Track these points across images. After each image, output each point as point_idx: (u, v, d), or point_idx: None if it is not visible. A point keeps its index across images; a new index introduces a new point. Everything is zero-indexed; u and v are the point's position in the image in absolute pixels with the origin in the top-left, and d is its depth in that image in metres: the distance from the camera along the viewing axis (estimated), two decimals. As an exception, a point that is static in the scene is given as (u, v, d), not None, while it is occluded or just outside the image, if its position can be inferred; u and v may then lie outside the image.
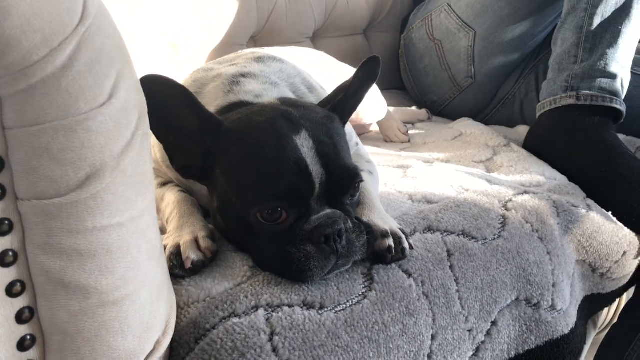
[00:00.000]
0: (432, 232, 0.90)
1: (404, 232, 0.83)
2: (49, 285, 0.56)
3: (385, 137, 1.62)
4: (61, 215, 0.54)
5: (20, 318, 0.57)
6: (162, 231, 0.86)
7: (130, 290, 0.60)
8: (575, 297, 1.07)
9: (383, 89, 2.12)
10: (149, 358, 0.64)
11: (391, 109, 1.72)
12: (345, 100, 0.86)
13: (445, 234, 0.91)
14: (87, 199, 0.55)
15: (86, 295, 0.57)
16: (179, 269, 0.75)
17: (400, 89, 2.15)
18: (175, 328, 0.70)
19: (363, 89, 0.88)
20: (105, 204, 0.56)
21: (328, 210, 0.75)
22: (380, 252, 0.79)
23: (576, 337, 1.01)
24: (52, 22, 0.50)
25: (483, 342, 0.88)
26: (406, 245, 0.81)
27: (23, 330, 0.57)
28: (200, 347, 0.67)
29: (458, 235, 0.91)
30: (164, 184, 0.95)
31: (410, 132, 1.66)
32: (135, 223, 0.60)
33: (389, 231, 0.81)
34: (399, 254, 0.80)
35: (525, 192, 1.08)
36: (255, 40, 1.84)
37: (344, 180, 0.78)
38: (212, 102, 0.88)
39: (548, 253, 0.98)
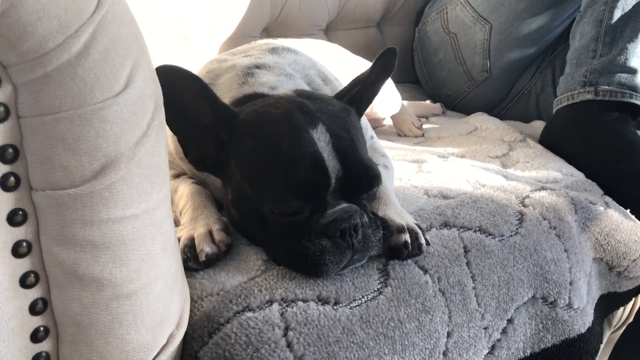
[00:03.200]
0: (448, 227, 0.89)
1: (420, 228, 0.82)
2: (63, 277, 0.56)
3: (399, 131, 1.60)
4: (75, 206, 0.54)
5: (33, 309, 0.56)
6: (176, 223, 0.85)
7: (144, 282, 0.60)
8: (591, 296, 1.05)
9: (397, 82, 2.09)
10: (163, 351, 0.64)
11: (405, 102, 1.70)
12: (361, 92, 0.84)
13: (461, 229, 0.89)
14: (101, 190, 0.54)
15: (100, 288, 0.57)
16: (193, 262, 0.74)
17: (414, 82, 2.12)
18: (189, 321, 0.70)
19: (379, 81, 0.87)
20: (120, 195, 0.55)
21: (344, 205, 0.74)
22: (396, 248, 0.78)
23: (593, 336, 0.99)
24: (68, 9, 0.49)
25: (499, 340, 0.86)
26: (422, 241, 0.80)
27: (36, 321, 0.57)
28: (214, 341, 0.66)
29: (475, 231, 0.90)
30: (177, 176, 0.94)
31: (424, 126, 1.63)
32: (150, 215, 0.59)
33: (405, 226, 0.79)
34: (415, 249, 0.79)
35: (543, 188, 1.06)
36: (268, 32, 1.83)
37: (361, 175, 0.76)
38: (226, 93, 0.87)
39: (565, 250, 0.97)
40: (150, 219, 0.59)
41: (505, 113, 1.82)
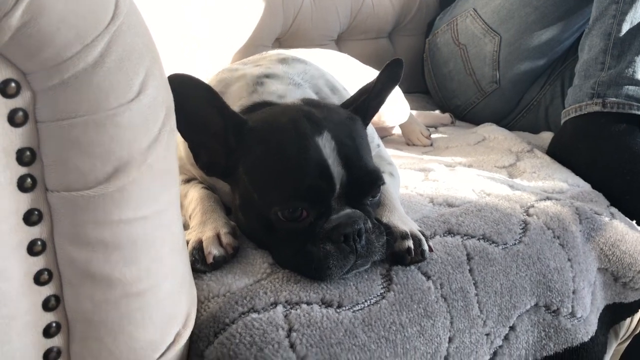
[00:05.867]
0: (452, 235, 0.90)
1: (423, 234, 0.83)
2: (75, 275, 0.58)
3: (407, 141, 1.62)
4: (88, 207, 0.56)
5: (46, 306, 0.58)
6: (185, 227, 0.87)
7: (153, 282, 0.62)
8: (596, 306, 1.05)
9: (407, 92, 2.11)
10: (170, 349, 0.65)
11: (414, 112, 1.72)
12: (367, 101, 0.86)
13: (465, 237, 0.90)
14: (113, 192, 0.56)
15: (110, 286, 0.59)
16: (201, 264, 0.76)
17: (424, 92, 2.14)
18: (196, 321, 0.72)
19: (385, 90, 0.89)
20: (131, 197, 0.57)
21: (348, 210, 0.76)
22: (399, 254, 0.80)
23: (596, 345, 1.00)
24: (86, 19, 0.51)
25: (500, 347, 0.88)
26: (426, 247, 0.81)
27: (49, 317, 0.59)
28: (219, 340, 0.68)
29: (478, 239, 0.91)
30: (187, 181, 0.96)
31: (433, 136, 1.65)
32: (160, 216, 0.61)
33: (409, 233, 0.81)
34: (418, 255, 0.80)
35: (548, 198, 1.07)
36: (280, 42, 1.86)
37: (365, 181, 0.78)
38: (236, 101, 0.89)
39: (569, 260, 0.98)
40: (160, 220, 0.61)
41: (514, 124, 1.83)
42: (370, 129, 1.04)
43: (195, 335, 0.71)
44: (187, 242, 0.78)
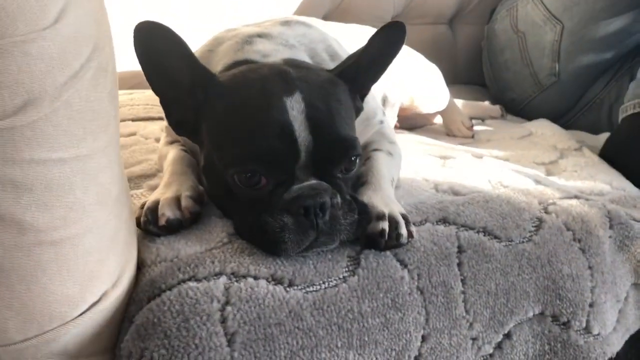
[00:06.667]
0: (446, 224, 0.80)
1: (405, 218, 0.74)
2: (-15, 215, 0.54)
3: (447, 131, 1.51)
4: (-3, 141, 0.52)
5: (-41, 246, 0.55)
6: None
7: (71, 232, 0.57)
8: (624, 325, 0.92)
9: (465, 83, 1.99)
10: (92, 308, 0.61)
11: (460, 102, 1.60)
12: (355, 67, 0.77)
13: (461, 228, 0.80)
14: (23, 127, 0.52)
15: (21, 231, 0.55)
16: (153, 226, 0.71)
17: (482, 85, 2.00)
18: (138, 284, 0.67)
19: (382, 58, 0.79)
20: (44, 135, 0.53)
21: (313, 181, 0.68)
22: (372, 236, 0.71)
23: (615, 370, 0.87)
24: None
25: (491, 355, 0.77)
26: (403, 231, 0.72)
27: (-39, 259, 0.55)
28: (149, 306, 0.62)
29: (477, 232, 0.80)
30: (171, 143, 0.92)
31: (477, 127, 1.53)
32: (82, 162, 0.56)
33: (386, 214, 0.72)
34: (393, 240, 0.71)
35: (576, 197, 0.94)
36: (327, 20, 1.79)
37: (335, 150, 0.70)
38: (221, 59, 0.84)
39: (589, 268, 0.85)
40: (81, 166, 0.56)
41: (573, 123, 1.66)
42: (374, 104, 0.95)
43: (132, 299, 0.66)
44: (145, 202, 0.74)
